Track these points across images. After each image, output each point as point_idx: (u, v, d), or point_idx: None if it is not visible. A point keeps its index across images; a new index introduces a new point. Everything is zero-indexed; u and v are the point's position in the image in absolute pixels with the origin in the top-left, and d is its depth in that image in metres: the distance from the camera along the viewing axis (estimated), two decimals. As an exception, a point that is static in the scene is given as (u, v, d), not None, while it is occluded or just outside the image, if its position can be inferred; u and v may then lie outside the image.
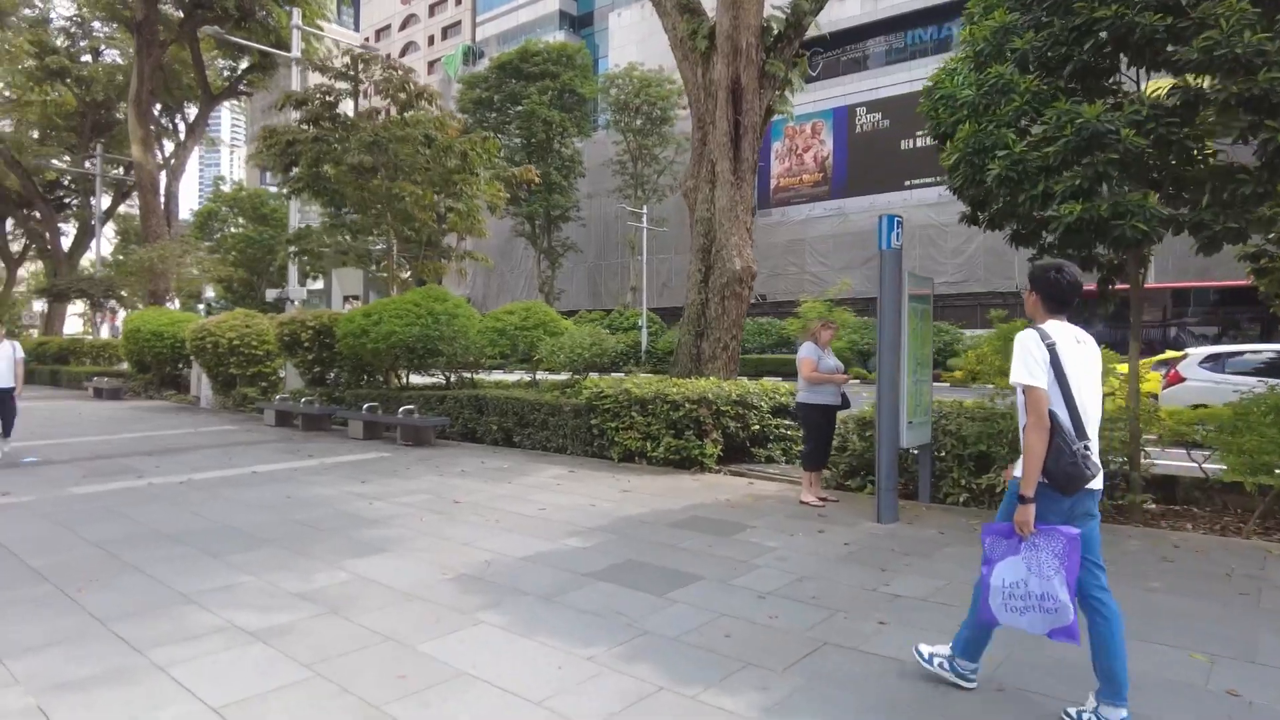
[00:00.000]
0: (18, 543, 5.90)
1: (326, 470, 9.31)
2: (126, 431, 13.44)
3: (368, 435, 12.32)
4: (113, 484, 8.41)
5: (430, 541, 5.90)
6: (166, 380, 21.60)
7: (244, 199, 45.85)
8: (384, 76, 14.50)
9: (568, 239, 43.00)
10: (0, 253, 46.27)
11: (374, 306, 13.23)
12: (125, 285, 29.13)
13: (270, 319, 17.33)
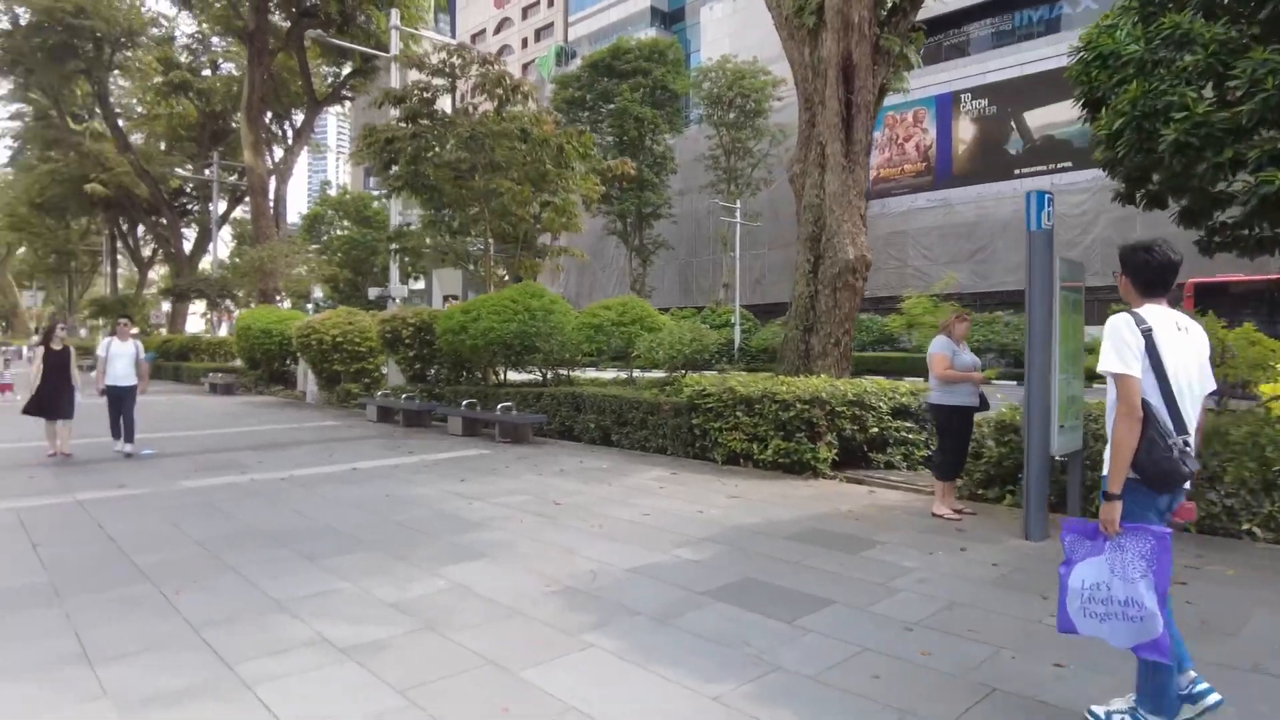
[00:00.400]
0: (128, 537, 5.87)
1: (426, 468, 9.16)
2: (235, 426, 13.80)
3: (466, 432, 12.20)
4: (218, 478, 8.47)
5: (531, 547, 5.54)
6: (275, 376, 22.36)
7: (348, 202, 47.59)
8: (480, 72, 14.42)
9: (659, 236, 42.64)
10: (133, 256, 49.66)
11: (472, 304, 13.13)
12: (239, 285, 30.49)
13: (372, 317, 17.60)
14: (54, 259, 58.54)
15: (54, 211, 47.08)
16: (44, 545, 5.68)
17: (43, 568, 5.12)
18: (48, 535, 5.98)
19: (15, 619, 4.17)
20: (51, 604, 4.41)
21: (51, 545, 5.68)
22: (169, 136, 39.92)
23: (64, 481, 8.25)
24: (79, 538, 5.90)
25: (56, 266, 60.21)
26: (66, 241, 54.20)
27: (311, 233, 46.40)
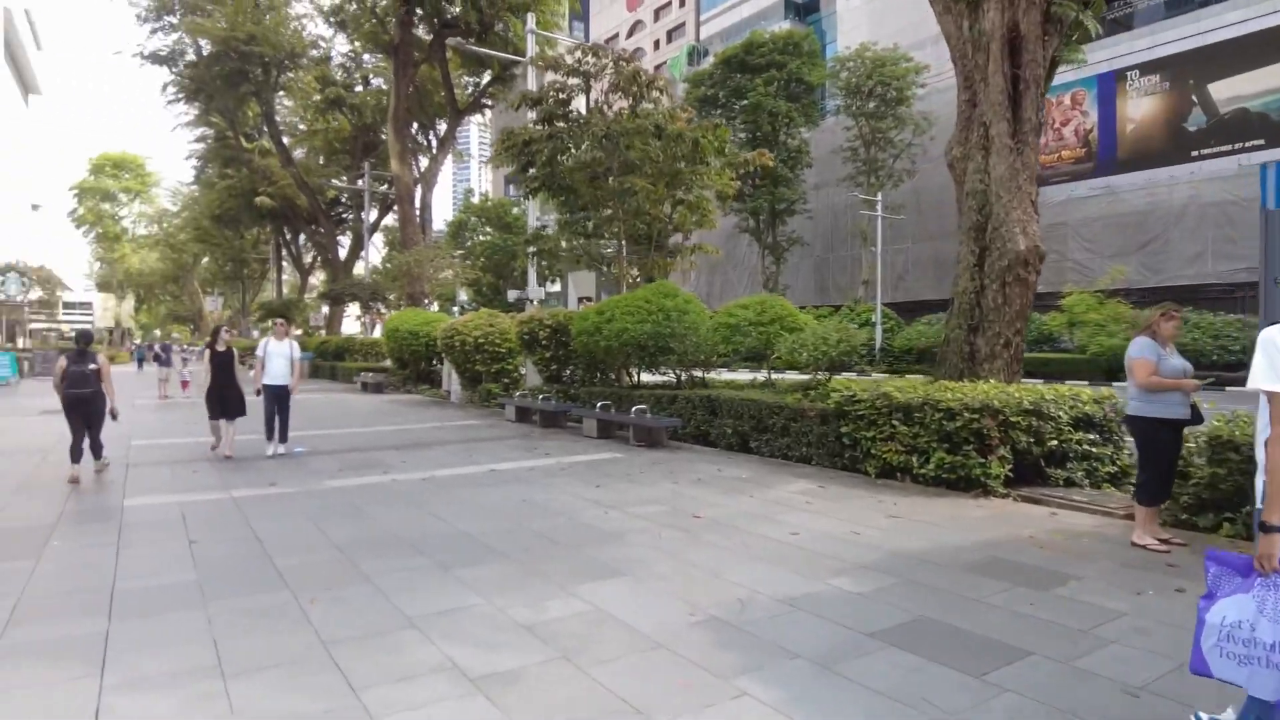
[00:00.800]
0: (273, 538, 5.94)
1: (562, 471, 8.97)
2: (382, 424, 14.27)
3: (601, 434, 12.02)
4: (362, 478, 8.61)
5: (672, 567, 5.13)
6: (421, 375, 23.23)
7: (490, 208, 49.37)
8: (615, 71, 14.25)
9: (793, 232, 41.44)
10: (295, 263, 53.58)
11: (606, 304, 12.96)
12: (389, 289, 32.08)
13: (511, 318, 17.88)
14: (230, 267, 64.28)
15: (230, 223, 51.62)
16: (199, 542, 5.82)
17: (194, 566, 5.20)
18: (203, 531, 6.15)
19: (162, 621, 4.18)
20: (196, 606, 4.42)
21: (205, 542, 5.81)
22: (326, 151, 42.68)
23: (224, 478, 8.62)
24: (229, 536, 6.02)
25: (232, 274, 66.05)
26: (240, 251, 59.34)
27: (456, 239, 48.46)
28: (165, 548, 5.70)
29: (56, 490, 7.91)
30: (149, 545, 5.77)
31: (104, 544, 5.78)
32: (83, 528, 6.33)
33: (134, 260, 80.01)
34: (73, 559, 5.41)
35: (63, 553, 5.56)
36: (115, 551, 5.56)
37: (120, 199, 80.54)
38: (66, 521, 6.52)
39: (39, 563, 5.31)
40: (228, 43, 32.66)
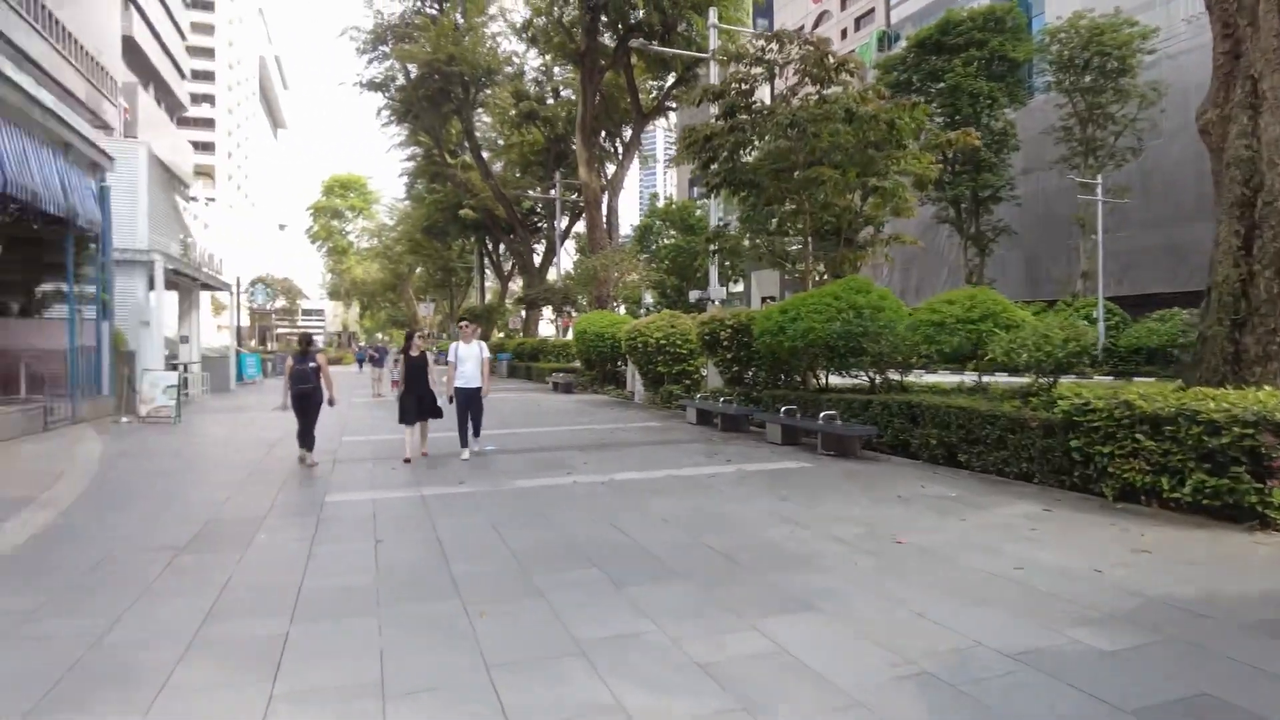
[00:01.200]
0: (453, 540, 5.91)
1: (744, 480, 8.46)
2: (568, 424, 14.44)
3: (786, 440, 11.36)
4: (545, 479, 8.56)
5: (870, 603, 4.47)
6: (607, 376, 23.58)
7: (674, 212, 49.75)
8: (800, 56, 13.50)
9: (999, 221, 38.06)
10: (496, 270, 56.82)
11: (791, 302, 12.27)
12: (578, 293, 33.02)
13: (692, 319, 17.60)
14: (440, 275, 69.50)
15: (439, 235, 55.79)
16: (384, 542, 5.90)
17: (375, 568, 5.23)
18: (389, 530, 6.26)
19: (337, 627, 4.14)
20: (370, 611, 4.37)
21: (389, 542, 5.88)
22: (521, 163, 44.80)
23: (417, 475, 8.90)
24: (412, 537, 6.07)
25: (442, 281, 71.37)
26: (448, 260, 63.91)
27: (641, 242, 49.29)
28: (353, 546, 5.82)
29: (275, 481, 8.50)
30: (339, 543, 5.92)
31: (301, 539, 6.01)
32: (286, 521, 6.66)
33: (358, 271, 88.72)
34: (272, 554, 5.63)
35: (265, 547, 5.82)
36: (309, 548, 5.75)
37: (347, 216, 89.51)
38: (275, 515, 6.91)
39: (245, 554, 5.58)
40: (431, 65, 35.06)
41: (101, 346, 14.60)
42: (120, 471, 9.07)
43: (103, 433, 12.31)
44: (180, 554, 5.59)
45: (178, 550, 5.68)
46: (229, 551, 5.66)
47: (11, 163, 10.95)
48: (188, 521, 6.58)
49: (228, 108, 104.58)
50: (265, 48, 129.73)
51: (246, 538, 6.06)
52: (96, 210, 14.22)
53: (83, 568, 5.24)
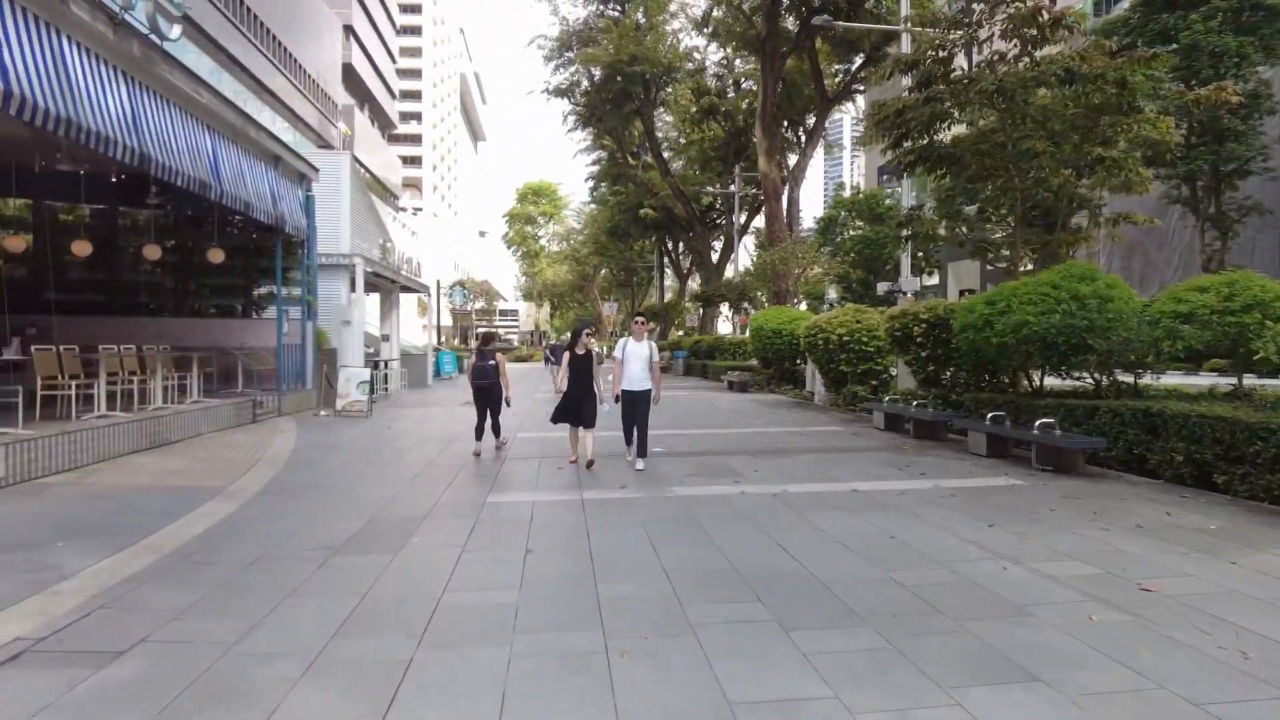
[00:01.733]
0: (605, 555, 5.40)
1: (941, 499, 7.33)
2: (741, 426, 13.68)
3: (991, 451, 9.94)
4: (710, 487, 7.90)
5: (1114, 676, 3.41)
6: (785, 375, 22.53)
7: (860, 201, 47.32)
8: (1008, 14, 11.83)
9: (1247, 198, 32.50)
10: (675, 269, 56.99)
11: (998, 292, 10.75)
12: (757, 288, 32.07)
13: (880, 314, 16.25)
14: (622, 275, 70.99)
15: (621, 236, 56.88)
16: (534, 552, 5.50)
17: (519, 583, 4.80)
18: (542, 539, 5.86)
19: (464, 657, 3.71)
20: (503, 639, 3.90)
21: (539, 553, 5.47)
22: (701, 160, 44.45)
23: (580, 478, 8.52)
24: (564, 548, 5.62)
25: (624, 281, 72.89)
26: (630, 260, 65.05)
27: (825, 235, 47.36)
28: (502, 554, 5.46)
29: (444, 479, 8.47)
30: (489, 550, 5.59)
31: (453, 544, 5.74)
32: (444, 523, 6.46)
33: (548, 273, 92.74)
34: (421, 560, 5.38)
35: (416, 551, 5.60)
36: (458, 555, 5.45)
37: (538, 221, 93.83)
38: (435, 515, 6.75)
39: (394, 559, 5.37)
40: (613, 66, 35.48)
41: (306, 344, 15.73)
42: (305, 464, 9.46)
43: (301, 425, 13.14)
44: (335, 554, 5.48)
45: (333, 550, 5.58)
46: (380, 554, 5.48)
47: (228, 176, 11.88)
48: (352, 518, 6.55)
49: (432, 123, 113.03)
50: (465, 65, 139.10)
51: (401, 539, 5.88)
52: (302, 217, 15.30)
53: (242, 564, 5.23)
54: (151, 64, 9.83)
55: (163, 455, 9.34)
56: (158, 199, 14.04)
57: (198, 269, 15.77)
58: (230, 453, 9.85)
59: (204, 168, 11.10)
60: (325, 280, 18.55)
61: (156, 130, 9.83)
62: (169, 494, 7.38)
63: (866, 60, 30.45)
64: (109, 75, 8.98)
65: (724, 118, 40.76)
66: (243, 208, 12.37)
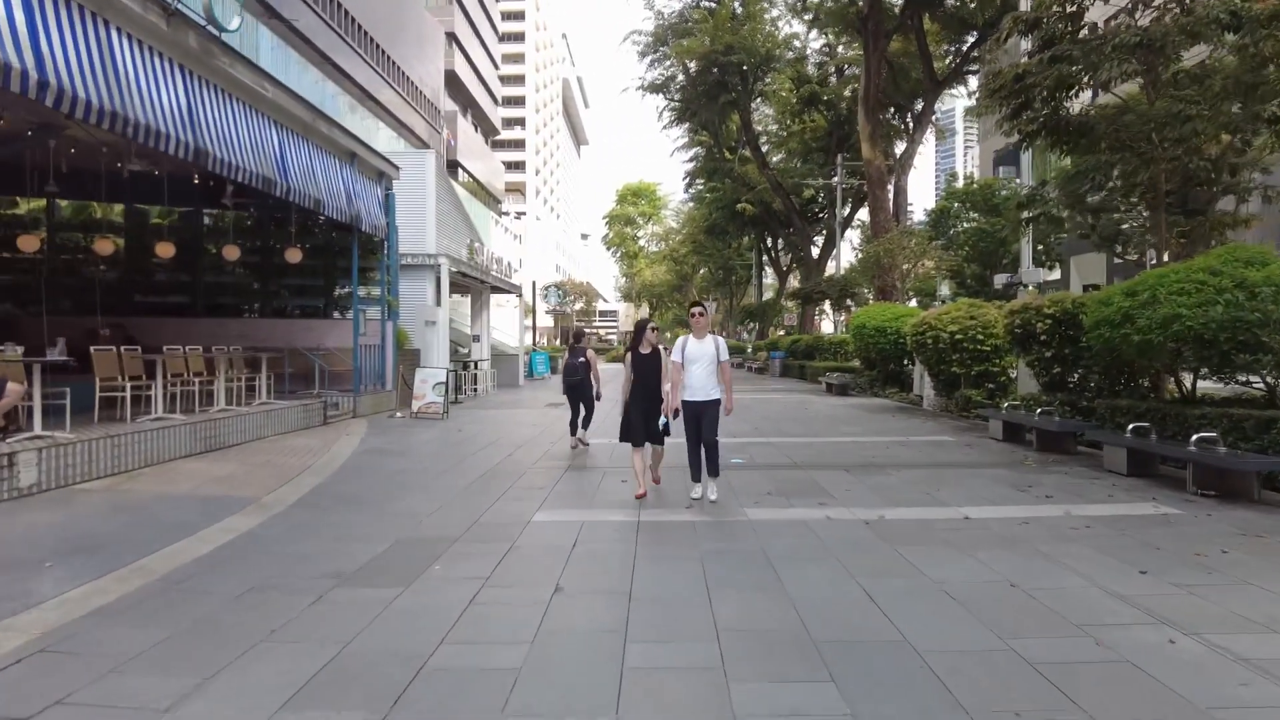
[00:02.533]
0: (645, 599, 4.44)
1: (1074, 532, 5.96)
2: (837, 434, 12.40)
3: (1133, 469, 8.36)
4: (790, 511, 6.78)
5: None
6: (890, 377, 20.86)
7: (975, 192, 44.41)
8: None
9: None
10: (774, 265, 55.29)
11: (1140, 281, 9.10)
12: (860, 285, 30.28)
13: (997, 309, 14.57)
14: (720, 274, 69.63)
15: (719, 234, 55.75)
16: (563, 591, 4.59)
17: (532, 639, 3.88)
18: (579, 574, 4.93)
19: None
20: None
21: (569, 593, 4.55)
22: (802, 152, 42.73)
23: (653, 494, 7.52)
24: (599, 587, 4.69)
25: (721, 280, 71.53)
26: (728, 259, 63.67)
27: (937, 227, 44.71)
28: (526, 594, 4.58)
29: (497, 490, 7.72)
30: (512, 588, 4.72)
31: (474, 577, 4.90)
32: (474, 548, 5.64)
33: (647, 274, 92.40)
34: (430, 596, 4.57)
35: (431, 584, 4.79)
36: (475, 593, 4.60)
37: (638, 222, 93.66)
38: (468, 537, 5.94)
39: (400, 595, 4.57)
40: (708, 57, 34.43)
41: (386, 345, 15.46)
42: (355, 472, 8.92)
43: (372, 428, 12.77)
44: (339, 585, 4.74)
45: (340, 579, 4.85)
46: (390, 587, 4.70)
47: (296, 172, 11.59)
48: (378, 538, 5.83)
49: (535, 128, 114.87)
50: (568, 70, 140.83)
51: (421, 568, 5.10)
52: (382, 215, 15.03)
53: (231, 595, 4.56)
54: (210, 57, 9.54)
55: (214, 460, 9.01)
56: (232, 200, 14.04)
57: (278, 269, 15.78)
58: (284, 458, 9.44)
59: (269, 164, 10.81)
60: (410, 280, 18.35)
61: (215, 125, 9.53)
62: (199, 504, 6.91)
63: (980, 38, 28.17)
64: (163, 68, 8.70)
65: (826, 107, 38.98)
66: (313, 205, 12.08)
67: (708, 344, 7.18)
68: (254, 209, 15.61)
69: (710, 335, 7.26)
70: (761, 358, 38.67)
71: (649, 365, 7.57)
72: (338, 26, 39.03)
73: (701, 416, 7.12)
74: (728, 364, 7.24)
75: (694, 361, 7.14)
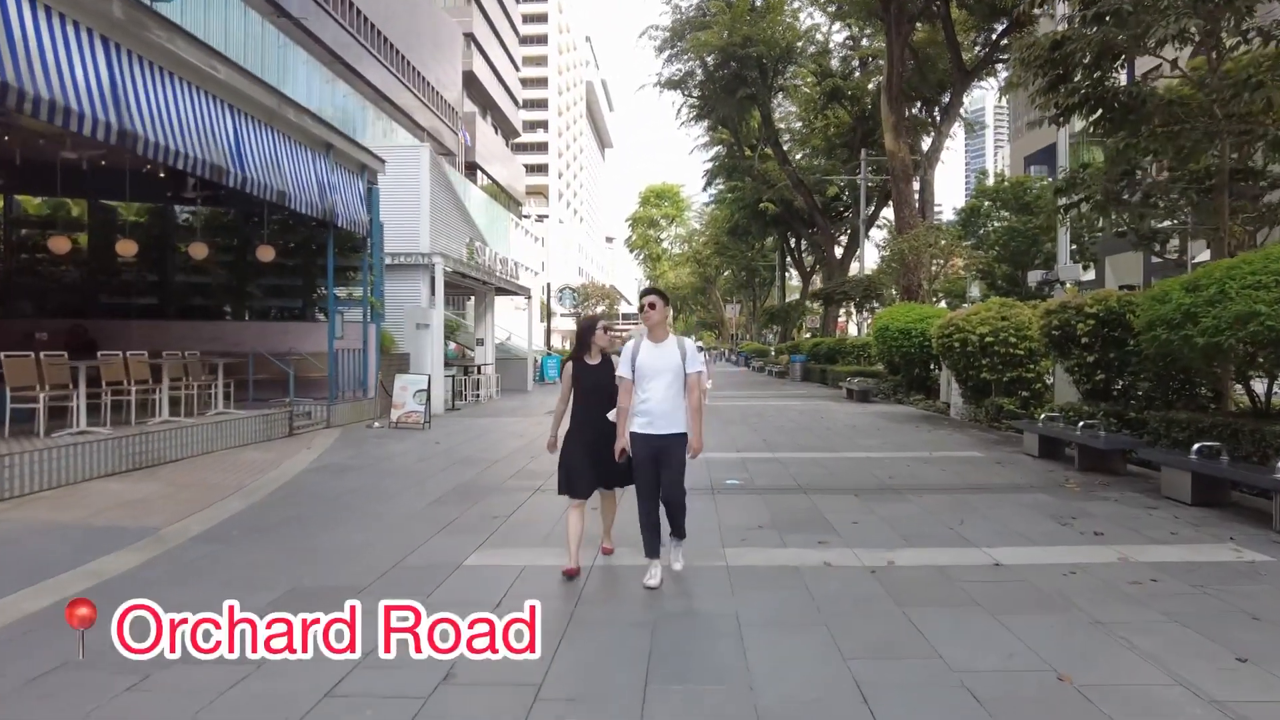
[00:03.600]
0: (560, 692, 3.28)
1: (1137, 590, 4.67)
2: (853, 448, 11.14)
3: (1199, 496, 7.02)
4: (782, 552, 5.57)
5: None
6: (915, 383, 19.48)
7: (1005, 190, 42.78)
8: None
9: None
10: (797, 266, 53.86)
11: (1205, 274, 7.75)
12: (883, 284, 28.87)
13: (1032, 308, 13.20)
14: (744, 275, 68.26)
15: (741, 235, 54.49)
16: (457, 677, 3.44)
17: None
18: (476, 660, 3.79)
19: None
20: None
21: (462, 680, 3.41)
22: (825, 148, 41.35)
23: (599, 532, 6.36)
24: (504, 674, 3.52)
25: (745, 282, 70.19)
26: (751, 260, 62.33)
27: (967, 227, 43.08)
28: (404, 683, 3.44)
29: (443, 518, 6.56)
30: (391, 674, 3.57)
31: (344, 659, 3.76)
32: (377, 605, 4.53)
33: (670, 276, 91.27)
34: (278, 687, 3.44)
35: (287, 666, 3.66)
36: (333, 684, 3.47)
37: (661, 224, 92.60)
38: (374, 589, 4.79)
39: (247, 678, 3.46)
40: (725, 50, 33.25)
41: (368, 349, 14.45)
42: (297, 493, 7.86)
43: (342, 440, 11.74)
44: (157, 670, 3.61)
45: (180, 652, 3.74)
46: (233, 665, 3.57)
47: (256, 161, 10.60)
48: (267, 587, 4.73)
49: (558, 131, 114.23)
50: (592, 73, 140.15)
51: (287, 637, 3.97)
52: (363, 211, 14.03)
53: (24, 678, 3.48)
54: (141, 28, 8.53)
55: (137, 480, 7.98)
56: (201, 195, 13.13)
57: (255, 269, 14.83)
58: (223, 476, 8.40)
59: (220, 150, 9.81)
60: (402, 281, 17.39)
61: (148, 104, 8.53)
62: (81, 536, 5.86)
63: (1011, 24, 26.63)
64: (77, 39, 7.71)
65: (850, 101, 37.55)
66: (276, 198, 11.07)
67: (669, 349, 4.88)
68: (233, 206, 14.66)
69: (674, 337, 4.97)
70: (783, 361, 37.32)
71: (598, 380, 5.22)
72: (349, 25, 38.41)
73: (662, 458, 4.83)
74: (701, 377, 4.94)
75: (650, 375, 4.83)
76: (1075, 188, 11.13)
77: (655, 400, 4.83)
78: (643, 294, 4.99)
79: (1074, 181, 11.28)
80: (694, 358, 4.93)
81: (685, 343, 5.00)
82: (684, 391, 4.90)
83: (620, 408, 4.95)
